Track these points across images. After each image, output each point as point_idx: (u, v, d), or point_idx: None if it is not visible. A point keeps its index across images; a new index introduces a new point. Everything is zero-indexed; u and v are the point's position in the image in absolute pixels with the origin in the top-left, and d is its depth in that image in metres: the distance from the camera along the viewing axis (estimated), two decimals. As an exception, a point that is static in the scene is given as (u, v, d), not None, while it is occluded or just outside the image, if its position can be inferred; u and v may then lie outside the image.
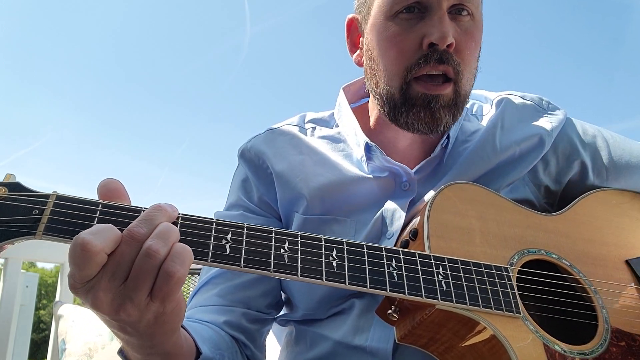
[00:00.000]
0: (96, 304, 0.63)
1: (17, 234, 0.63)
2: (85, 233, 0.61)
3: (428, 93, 0.97)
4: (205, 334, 0.93)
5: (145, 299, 0.64)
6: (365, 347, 0.97)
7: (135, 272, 0.63)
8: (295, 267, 0.72)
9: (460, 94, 0.99)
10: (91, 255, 0.60)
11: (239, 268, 0.69)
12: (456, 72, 0.97)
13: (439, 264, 0.81)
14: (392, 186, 1.07)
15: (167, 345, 0.74)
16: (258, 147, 1.15)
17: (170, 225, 0.66)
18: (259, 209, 1.13)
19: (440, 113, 0.98)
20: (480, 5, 1.03)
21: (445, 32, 0.94)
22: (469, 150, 1.08)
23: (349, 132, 1.15)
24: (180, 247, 0.65)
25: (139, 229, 0.64)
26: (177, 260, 0.64)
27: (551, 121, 1.11)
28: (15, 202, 0.64)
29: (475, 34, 1.00)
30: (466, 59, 0.99)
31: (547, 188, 1.10)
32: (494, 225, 0.93)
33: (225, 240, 0.70)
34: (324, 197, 1.07)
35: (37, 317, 13.77)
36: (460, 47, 0.97)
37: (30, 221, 0.64)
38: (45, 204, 0.65)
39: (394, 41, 0.99)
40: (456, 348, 0.83)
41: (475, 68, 1.03)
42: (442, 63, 0.96)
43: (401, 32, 0.98)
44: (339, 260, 0.75)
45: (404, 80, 0.98)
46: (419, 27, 0.97)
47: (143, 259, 0.63)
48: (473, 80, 1.04)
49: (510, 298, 0.82)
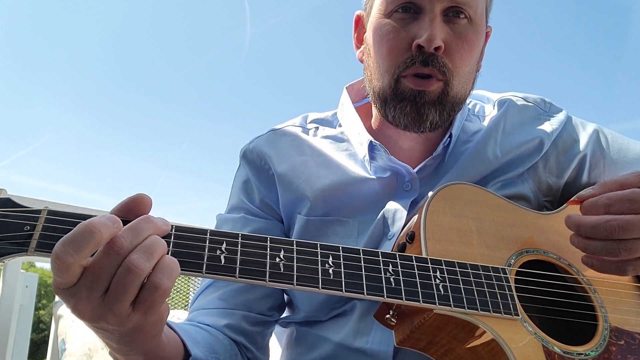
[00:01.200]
0: (76, 312, 0.63)
1: (8, 252, 0.62)
2: (60, 242, 0.60)
3: (415, 88, 0.99)
4: (199, 337, 0.93)
5: (126, 310, 0.63)
6: (366, 350, 0.97)
7: (115, 284, 0.61)
8: (291, 276, 0.72)
9: (449, 94, 1.00)
10: (66, 267, 0.59)
11: (234, 279, 0.69)
12: (443, 74, 0.98)
13: (436, 268, 0.81)
14: (394, 186, 1.07)
15: (146, 347, 0.73)
16: (260, 148, 1.15)
17: (157, 239, 0.65)
18: (261, 211, 1.13)
19: (426, 109, 0.99)
20: (484, 10, 1.04)
21: (433, 35, 0.95)
22: (469, 151, 1.08)
23: (352, 132, 1.15)
24: (168, 260, 0.64)
25: (121, 240, 0.62)
26: (164, 273, 0.63)
27: (552, 123, 1.11)
28: (6, 219, 0.63)
29: (470, 37, 1.00)
30: (456, 62, 0.99)
31: (547, 184, 1.10)
32: (491, 225, 0.92)
33: (219, 250, 0.70)
34: (326, 198, 1.06)
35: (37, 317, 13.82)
36: (450, 50, 0.98)
37: (22, 238, 0.62)
38: (37, 219, 0.64)
39: (387, 39, 1.00)
40: (455, 351, 0.83)
41: (470, 71, 1.03)
42: (427, 65, 0.97)
43: (394, 31, 1.00)
44: (335, 267, 0.75)
45: (393, 77, 1.00)
46: (411, 27, 0.98)
47: (124, 272, 0.61)
48: (469, 83, 1.04)
49: (509, 300, 0.82)
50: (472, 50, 1.01)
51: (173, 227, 0.70)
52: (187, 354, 0.85)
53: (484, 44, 1.08)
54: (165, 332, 0.79)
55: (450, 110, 1.02)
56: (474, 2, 0.99)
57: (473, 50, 1.02)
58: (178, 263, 0.65)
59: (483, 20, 1.04)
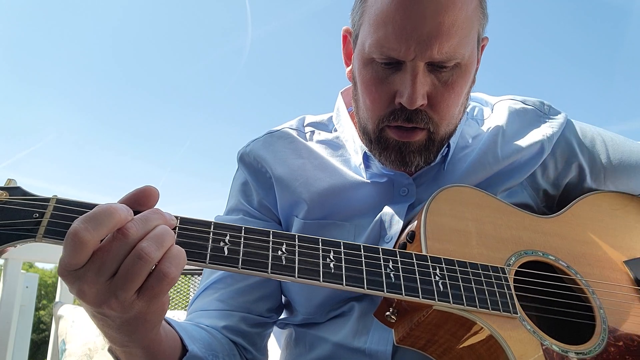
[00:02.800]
0: (80, 295, 0.64)
1: (18, 237, 0.63)
2: (79, 219, 0.61)
3: (399, 140, 0.98)
4: (197, 334, 0.94)
5: (131, 296, 0.64)
6: (365, 350, 0.97)
7: (124, 270, 0.63)
8: (292, 269, 0.73)
9: (436, 139, 0.99)
10: (82, 244, 0.60)
11: (237, 270, 0.70)
12: (427, 125, 0.96)
13: (435, 265, 0.81)
14: (391, 191, 1.07)
15: (145, 340, 0.74)
16: (257, 151, 1.16)
17: (166, 229, 0.66)
18: (259, 212, 1.14)
19: (411, 157, 1.00)
20: (475, 46, 0.98)
21: (415, 96, 0.91)
22: (471, 159, 1.08)
23: (347, 138, 1.16)
24: (176, 249, 0.66)
25: (132, 227, 0.63)
26: (173, 262, 0.64)
27: (552, 126, 1.11)
28: (16, 206, 0.65)
29: (458, 82, 0.95)
30: (442, 111, 0.96)
31: (545, 192, 1.11)
32: (490, 227, 0.93)
33: (223, 242, 0.71)
34: (323, 201, 1.07)
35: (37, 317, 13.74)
36: (435, 102, 0.95)
37: (31, 224, 0.64)
38: (46, 207, 0.66)
39: (369, 90, 0.98)
40: (454, 349, 0.84)
41: (458, 110, 1.01)
42: (410, 122, 0.95)
43: (376, 82, 0.96)
44: (337, 262, 0.76)
45: (377, 126, 0.99)
46: (393, 80, 0.94)
47: (134, 259, 0.62)
48: (457, 119, 1.02)
49: (507, 299, 0.83)
50: (460, 93, 0.97)
51: (178, 219, 0.71)
52: (185, 350, 0.86)
53: (478, 57, 1.02)
54: (164, 327, 0.80)
55: (438, 150, 1.02)
56: (461, 49, 0.92)
57: (461, 93, 0.98)
58: (185, 253, 0.67)
59: (474, 56, 0.98)
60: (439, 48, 0.89)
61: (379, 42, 0.92)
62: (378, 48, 0.92)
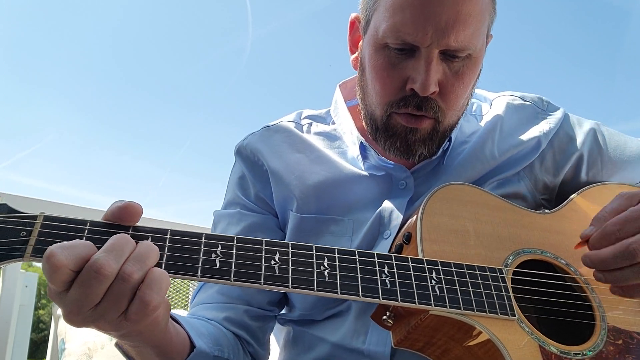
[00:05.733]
0: (69, 318, 0.63)
1: (4, 257, 0.62)
2: (55, 246, 0.60)
3: (406, 125, 0.97)
4: (203, 329, 0.94)
5: (118, 319, 0.63)
6: (363, 350, 0.97)
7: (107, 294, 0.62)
8: (286, 279, 0.72)
9: (440, 128, 0.99)
10: (55, 268, 0.60)
11: (229, 282, 0.69)
12: (435, 114, 0.96)
13: (432, 269, 0.81)
14: (389, 185, 1.07)
15: (154, 340, 0.74)
16: (254, 144, 1.15)
17: (150, 246, 0.65)
18: (256, 206, 1.13)
19: (416, 145, 0.99)
20: (484, 39, 0.98)
21: (428, 83, 0.91)
22: (466, 152, 1.08)
23: (345, 130, 1.15)
24: (157, 273, 0.64)
25: (107, 260, 0.62)
26: (154, 288, 0.63)
27: (549, 122, 1.11)
28: (3, 225, 0.64)
29: (468, 73, 0.96)
30: (451, 101, 0.96)
31: (544, 183, 1.10)
32: (488, 226, 0.92)
33: (214, 254, 0.70)
34: (319, 195, 1.06)
35: (37, 316, 13.81)
36: (445, 91, 0.94)
37: (18, 243, 0.63)
38: (33, 225, 0.65)
39: (380, 74, 0.96)
40: (452, 352, 0.83)
41: (464, 102, 1.01)
42: (420, 110, 0.95)
43: (388, 67, 0.95)
44: (331, 270, 0.75)
45: (385, 112, 0.98)
46: (406, 66, 0.94)
47: (116, 281, 0.62)
48: (461, 111, 1.02)
49: (505, 300, 0.82)
50: (469, 85, 0.98)
51: (169, 232, 0.70)
52: (192, 345, 0.86)
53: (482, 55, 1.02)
54: (172, 323, 0.80)
55: (441, 141, 1.02)
56: (474, 40, 0.93)
57: (470, 84, 0.98)
58: (168, 275, 0.65)
59: (483, 50, 0.99)
60: (456, 36, 0.89)
61: (395, 27, 0.91)
62: (394, 32, 0.91)
